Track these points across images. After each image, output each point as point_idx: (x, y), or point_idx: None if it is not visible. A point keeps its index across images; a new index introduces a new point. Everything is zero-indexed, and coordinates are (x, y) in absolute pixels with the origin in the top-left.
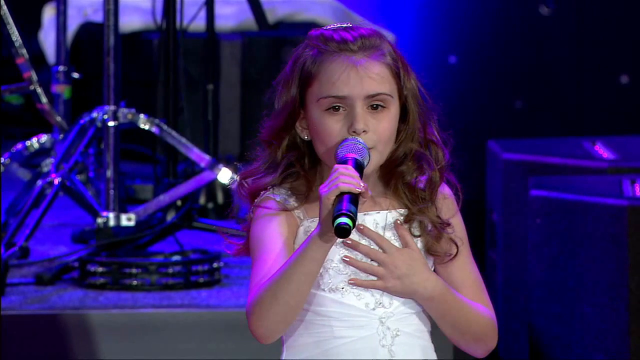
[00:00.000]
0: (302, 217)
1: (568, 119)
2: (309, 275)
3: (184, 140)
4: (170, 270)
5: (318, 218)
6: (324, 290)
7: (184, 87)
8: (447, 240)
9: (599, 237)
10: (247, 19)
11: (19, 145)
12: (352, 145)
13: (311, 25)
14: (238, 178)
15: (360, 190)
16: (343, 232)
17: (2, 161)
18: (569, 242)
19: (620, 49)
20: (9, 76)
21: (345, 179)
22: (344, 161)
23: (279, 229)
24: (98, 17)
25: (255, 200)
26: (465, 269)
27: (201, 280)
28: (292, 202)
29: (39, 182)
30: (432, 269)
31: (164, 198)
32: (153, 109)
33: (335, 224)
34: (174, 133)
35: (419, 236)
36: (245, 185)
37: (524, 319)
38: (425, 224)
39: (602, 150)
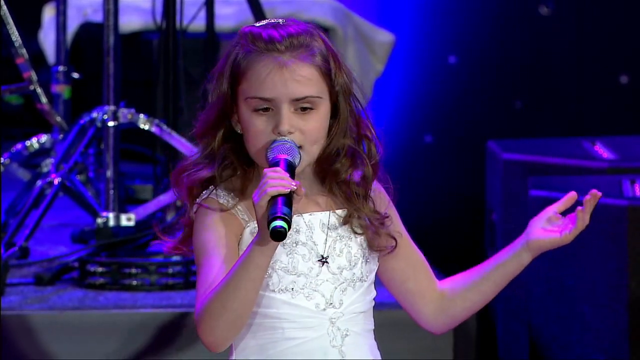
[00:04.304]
0: (246, 219)
1: (568, 119)
2: (255, 282)
3: (184, 140)
4: (170, 271)
5: None
6: (273, 291)
7: (184, 87)
8: (385, 234)
9: (599, 237)
10: (247, 19)
11: (19, 146)
12: (281, 146)
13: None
14: (172, 174)
15: (289, 189)
16: (279, 235)
17: (2, 161)
18: None
19: (620, 49)
20: (9, 76)
21: (273, 182)
22: (275, 163)
23: (223, 234)
24: (98, 17)
25: (197, 201)
26: (417, 250)
27: None
28: (234, 203)
29: (39, 182)
30: (377, 264)
31: (163, 198)
32: (153, 109)
33: (270, 228)
34: (174, 133)
35: (362, 234)
36: (182, 180)
37: (524, 319)
38: (364, 221)
39: (602, 150)
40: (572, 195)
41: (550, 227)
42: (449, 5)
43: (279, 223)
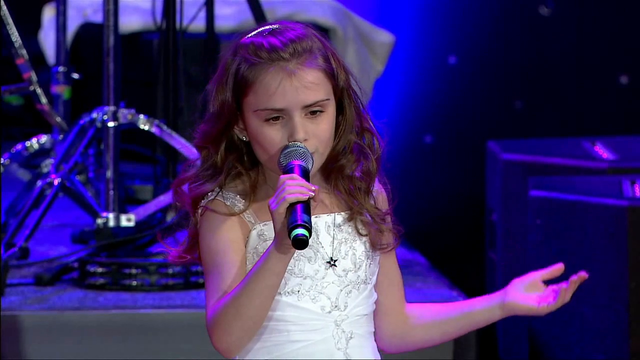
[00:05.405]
0: (253, 221)
1: (568, 119)
2: (271, 289)
3: (183, 140)
4: (170, 271)
5: (270, 221)
6: (279, 293)
7: (184, 87)
8: (387, 231)
9: (599, 238)
10: (247, 19)
11: (19, 146)
12: (294, 152)
13: (311, 25)
14: (174, 186)
15: (307, 197)
16: (301, 243)
17: (2, 161)
18: (568, 242)
19: (620, 49)
20: (9, 76)
21: (292, 189)
22: (289, 169)
23: (231, 237)
24: (98, 18)
25: (202, 202)
26: (397, 268)
27: (201, 280)
28: (241, 205)
29: (39, 183)
30: (378, 267)
31: (163, 198)
32: (153, 109)
33: (292, 237)
34: (174, 133)
35: (366, 235)
36: (184, 192)
37: (524, 320)
38: (367, 221)
39: (601, 151)
40: (559, 267)
41: (530, 294)
42: (449, 5)
43: (300, 231)
